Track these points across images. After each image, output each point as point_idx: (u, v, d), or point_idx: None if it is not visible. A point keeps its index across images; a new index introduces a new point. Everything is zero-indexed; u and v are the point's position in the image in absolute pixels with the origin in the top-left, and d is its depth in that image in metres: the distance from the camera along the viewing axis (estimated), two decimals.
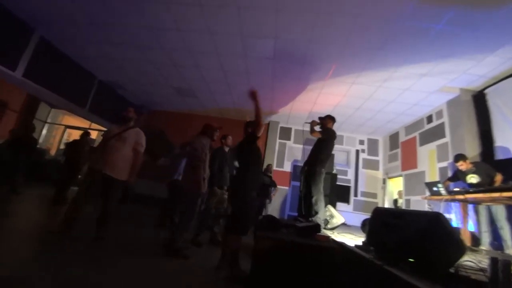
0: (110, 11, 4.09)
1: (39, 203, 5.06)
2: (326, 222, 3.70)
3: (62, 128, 10.18)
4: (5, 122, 7.74)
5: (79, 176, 5.46)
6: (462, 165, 3.92)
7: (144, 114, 8.72)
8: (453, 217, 4.38)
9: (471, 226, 3.94)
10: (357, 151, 8.11)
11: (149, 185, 7.87)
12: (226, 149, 4.05)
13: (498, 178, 3.56)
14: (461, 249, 1.68)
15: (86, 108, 6.73)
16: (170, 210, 4.37)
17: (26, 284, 1.71)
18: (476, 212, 3.91)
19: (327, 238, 2.50)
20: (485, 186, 3.49)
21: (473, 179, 3.80)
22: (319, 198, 3.52)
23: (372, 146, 8.14)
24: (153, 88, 7.11)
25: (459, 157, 3.98)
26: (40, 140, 8.99)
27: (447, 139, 5.26)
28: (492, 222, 3.70)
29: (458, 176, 4.04)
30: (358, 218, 6.07)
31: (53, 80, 5.59)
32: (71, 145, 5.57)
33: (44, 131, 9.49)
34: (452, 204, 4.27)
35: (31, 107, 8.85)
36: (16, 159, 5.19)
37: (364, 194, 7.71)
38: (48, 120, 9.68)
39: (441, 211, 3.24)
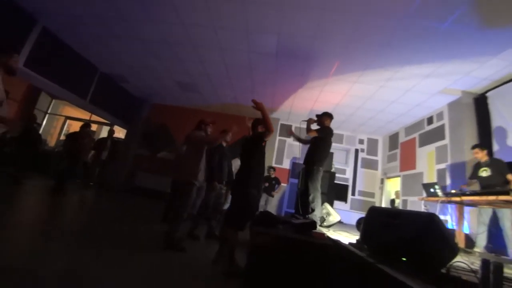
0: (114, 4, 4.07)
1: (40, 194, 5.10)
2: (323, 219, 3.73)
3: (63, 119, 10.18)
4: (6, 112, 7.74)
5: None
6: (478, 154, 3.80)
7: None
8: (449, 219, 4.42)
9: (466, 228, 3.97)
10: (357, 150, 8.14)
11: (152, 179, 7.92)
12: (225, 144, 4.06)
13: (510, 177, 3.46)
14: (454, 250, 1.71)
15: (87, 99, 6.73)
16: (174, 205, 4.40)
17: (31, 275, 1.73)
18: (480, 213, 3.81)
19: (323, 235, 2.53)
20: (494, 182, 3.45)
21: (484, 172, 3.72)
22: (316, 196, 3.54)
23: (372, 145, 8.16)
24: (155, 81, 7.10)
25: (476, 145, 3.89)
26: (41, 131, 9.00)
27: (446, 141, 5.28)
28: (495, 225, 3.62)
29: (474, 170, 3.93)
30: (355, 216, 6.11)
31: (55, 70, 5.58)
32: (71, 136, 5.59)
33: (44, 122, 9.50)
34: (449, 205, 4.29)
35: (32, 97, 8.86)
36: (18, 149, 5.21)
37: (362, 193, 7.75)
38: (49, 111, 9.68)
39: (437, 213, 3.27)
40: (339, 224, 4.04)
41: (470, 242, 3.81)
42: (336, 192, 7.07)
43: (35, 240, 2.49)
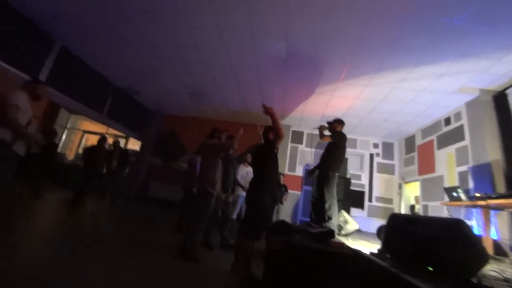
0: (122, 20, 4.26)
1: (59, 206, 5.25)
2: (340, 228, 3.62)
3: (81, 133, 10.56)
4: (34, 129, 8.11)
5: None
6: None
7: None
8: (474, 224, 4.19)
9: (493, 234, 3.75)
10: (371, 155, 7.93)
11: (164, 189, 8.03)
12: (231, 151, 4.03)
13: None
14: (484, 258, 1.60)
15: (103, 113, 6.97)
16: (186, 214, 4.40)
17: (49, 283, 1.77)
18: None
19: (342, 244, 2.45)
20: None
21: None
22: (332, 203, 3.45)
23: (387, 149, 7.94)
24: (167, 94, 7.29)
25: None
26: (60, 145, 9.36)
27: (466, 142, 5.06)
28: None
29: None
30: (373, 224, 5.93)
31: (73, 87, 5.85)
32: (89, 150, 5.77)
33: (63, 136, 9.88)
34: (473, 210, 4.08)
35: (52, 113, 9.26)
36: (38, 163, 5.41)
37: (379, 199, 7.51)
38: (68, 126, 10.07)
39: (461, 218, 3.11)
40: (357, 232, 3.92)
41: (499, 248, 3.59)
42: (352, 199, 6.89)
43: (55, 250, 2.55)
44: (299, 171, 7.90)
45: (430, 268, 1.62)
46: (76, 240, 3.03)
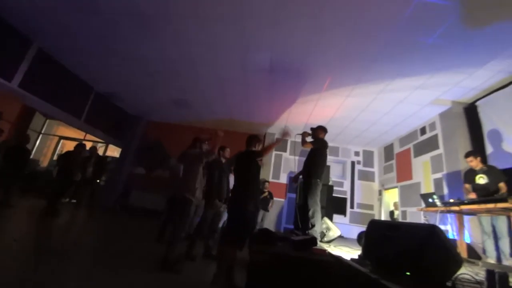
0: (108, 24, 4.15)
1: (31, 216, 4.93)
2: (323, 235, 3.65)
3: (56, 139, 10.07)
4: None
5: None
6: (472, 162, 3.77)
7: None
8: (449, 229, 4.37)
9: (467, 238, 3.93)
10: (353, 163, 8.14)
11: (146, 197, 7.76)
12: (223, 160, 4.03)
13: (502, 185, 3.44)
14: (457, 262, 1.67)
15: (81, 119, 6.70)
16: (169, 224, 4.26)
17: None
18: (481, 223, 3.76)
19: (324, 251, 2.47)
20: (492, 189, 3.43)
21: (481, 179, 3.66)
22: (316, 210, 3.48)
23: (368, 157, 8.18)
24: (151, 99, 7.14)
25: (470, 153, 3.86)
26: (34, 151, 8.87)
27: (440, 150, 5.33)
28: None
29: (468, 177, 3.88)
30: (355, 230, 6.03)
31: (50, 90, 5.59)
32: (64, 156, 5.50)
33: (38, 142, 9.37)
34: (448, 215, 4.27)
35: (26, 117, 8.79)
36: (9, 171, 5.08)
37: (360, 206, 7.68)
38: (43, 131, 9.58)
39: (436, 223, 3.24)
40: (339, 238, 3.96)
41: (472, 252, 3.75)
42: (335, 206, 6.99)
43: (28, 264, 2.38)
44: (283, 179, 7.94)
45: (408, 273, 1.66)
46: (50, 252, 2.85)
